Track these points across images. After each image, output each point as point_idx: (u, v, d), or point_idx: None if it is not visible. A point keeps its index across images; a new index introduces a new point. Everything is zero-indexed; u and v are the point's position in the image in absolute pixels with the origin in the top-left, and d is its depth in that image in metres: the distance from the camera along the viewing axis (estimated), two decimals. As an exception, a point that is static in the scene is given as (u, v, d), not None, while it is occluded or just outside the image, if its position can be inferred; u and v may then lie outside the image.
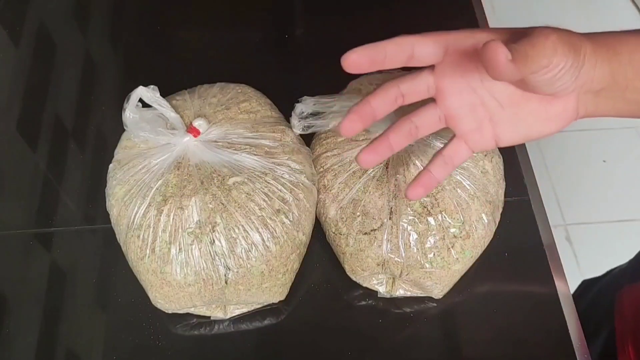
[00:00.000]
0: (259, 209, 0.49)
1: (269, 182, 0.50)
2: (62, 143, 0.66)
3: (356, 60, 0.42)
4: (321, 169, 0.55)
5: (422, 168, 0.52)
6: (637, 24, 1.91)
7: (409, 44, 0.41)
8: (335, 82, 0.61)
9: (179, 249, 0.48)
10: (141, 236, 0.49)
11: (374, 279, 0.56)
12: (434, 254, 0.51)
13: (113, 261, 0.57)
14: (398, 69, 0.60)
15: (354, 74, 0.59)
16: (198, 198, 0.48)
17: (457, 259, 0.51)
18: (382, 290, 0.56)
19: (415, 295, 0.56)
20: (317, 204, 0.54)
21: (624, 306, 0.64)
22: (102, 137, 0.67)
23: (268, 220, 0.49)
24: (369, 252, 0.52)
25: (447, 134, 0.53)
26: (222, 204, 0.49)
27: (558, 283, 0.57)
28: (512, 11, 1.87)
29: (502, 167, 0.56)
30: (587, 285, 0.77)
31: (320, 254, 0.58)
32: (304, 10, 0.80)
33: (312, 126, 0.54)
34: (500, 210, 0.55)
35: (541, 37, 0.36)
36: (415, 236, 0.50)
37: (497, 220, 0.55)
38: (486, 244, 0.54)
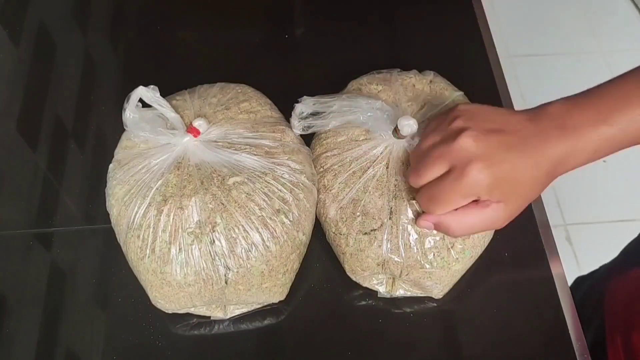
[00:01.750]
0: (259, 209, 0.49)
1: (269, 182, 0.50)
2: (62, 143, 0.66)
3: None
4: (321, 169, 0.55)
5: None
6: (637, 24, 1.92)
7: None
8: (335, 82, 0.61)
9: (179, 249, 0.48)
10: (141, 236, 0.49)
11: (374, 279, 0.56)
12: (434, 254, 0.51)
13: (113, 261, 0.57)
14: (397, 68, 0.61)
15: (354, 74, 0.60)
16: (198, 198, 0.48)
17: (457, 259, 0.51)
18: (382, 290, 0.56)
19: (415, 295, 0.56)
20: (317, 204, 0.54)
21: (614, 298, 0.64)
22: (102, 137, 0.67)
23: (268, 220, 0.49)
24: (369, 252, 0.52)
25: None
26: (222, 204, 0.49)
27: (558, 283, 0.57)
28: (512, 11, 1.87)
29: (502, 167, 0.56)
30: (579, 282, 0.78)
31: (320, 254, 0.58)
32: (304, 10, 0.80)
33: (312, 126, 0.54)
34: (500, 210, 0.55)
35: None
36: (415, 236, 0.50)
37: (497, 220, 0.55)
38: (486, 244, 0.54)
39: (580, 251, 1.46)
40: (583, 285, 0.75)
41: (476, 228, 0.46)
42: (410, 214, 0.50)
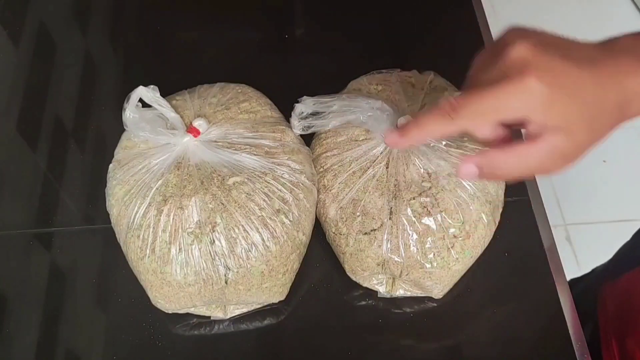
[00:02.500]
0: (259, 209, 0.49)
1: (269, 182, 0.50)
2: (62, 143, 0.66)
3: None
4: (321, 169, 0.55)
5: (421, 168, 0.52)
6: (637, 24, 1.91)
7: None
8: (335, 82, 0.61)
9: (179, 249, 0.48)
10: (141, 236, 0.49)
11: (374, 279, 0.56)
12: (433, 254, 0.51)
13: (113, 261, 0.57)
14: (397, 68, 0.61)
15: (354, 74, 0.60)
16: (198, 198, 0.48)
17: (457, 259, 0.51)
18: (382, 290, 0.56)
19: (415, 295, 0.56)
20: (317, 204, 0.54)
21: (607, 303, 0.64)
22: (102, 137, 0.67)
23: (268, 220, 0.49)
24: (369, 252, 0.52)
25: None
26: (222, 204, 0.49)
27: (558, 283, 0.57)
28: (512, 11, 1.87)
29: (502, 167, 0.56)
30: (572, 284, 0.78)
31: (320, 254, 0.58)
32: (304, 10, 0.80)
33: (312, 126, 0.54)
34: (500, 210, 0.55)
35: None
36: (415, 236, 0.50)
37: (497, 220, 0.55)
38: (486, 244, 0.54)
39: (580, 251, 1.46)
40: (576, 289, 0.75)
41: (533, 165, 0.37)
42: (410, 214, 0.50)
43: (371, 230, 0.51)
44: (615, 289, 0.64)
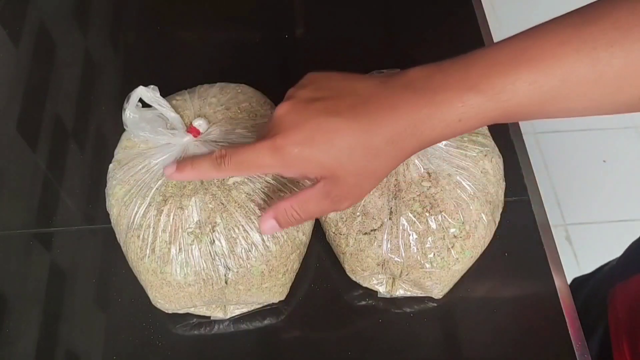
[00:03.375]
0: (259, 209, 0.49)
1: (269, 182, 0.50)
2: (62, 143, 0.66)
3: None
4: (321, 169, 0.55)
5: (421, 168, 0.52)
6: (637, 24, 1.91)
7: None
8: (335, 82, 0.61)
9: (179, 249, 0.48)
10: (141, 236, 0.49)
11: (374, 279, 0.56)
12: (433, 254, 0.51)
13: (113, 261, 0.57)
14: (397, 69, 0.60)
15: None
16: (198, 198, 0.48)
17: (457, 259, 0.51)
18: (382, 290, 0.56)
19: (415, 295, 0.56)
20: (317, 204, 0.54)
21: (617, 304, 0.64)
22: (102, 137, 0.67)
23: (268, 220, 0.49)
24: (369, 252, 0.52)
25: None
26: (222, 203, 0.49)
27: (558, 283, 0.57)
28: (512, 10, 1.87)
29: (502, 167, 0.56)
30: (578, 284, 0.77)
31: (320, 254, 0.58)
32: (304, 10, 0.80)
33: (312, 126, 0.54)
34: (500, 210, 0.55)
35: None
36: (415, 236, 0.50)
37: (497, 220, 0.55)
38: (486, 244, 0.54)
39: (580, 251, 1.46)
40: (584, 289, 0.74)
41: (315, 208, 0.41)
42: (410, 214, 0.50)
43: (371, 230, 0.51)
44: (626, 290, 0.63)
